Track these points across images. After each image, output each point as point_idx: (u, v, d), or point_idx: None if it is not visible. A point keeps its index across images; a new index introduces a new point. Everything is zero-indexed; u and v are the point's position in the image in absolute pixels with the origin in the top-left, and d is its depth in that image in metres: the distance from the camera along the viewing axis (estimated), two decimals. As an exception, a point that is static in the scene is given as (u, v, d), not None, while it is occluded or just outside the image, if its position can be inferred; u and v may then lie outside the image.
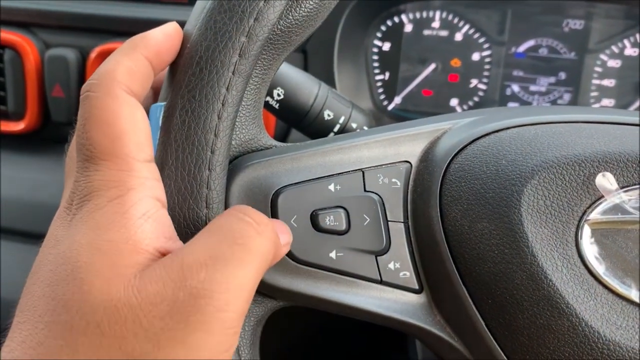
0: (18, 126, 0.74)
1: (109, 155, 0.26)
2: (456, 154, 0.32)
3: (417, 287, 0.32)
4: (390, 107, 0.73)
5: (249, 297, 0.25)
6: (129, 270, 0.24)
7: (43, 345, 0.24)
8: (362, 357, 0.84)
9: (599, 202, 0.29)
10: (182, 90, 0.29)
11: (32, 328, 0.24)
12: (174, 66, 0.30)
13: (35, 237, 0.74)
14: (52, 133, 0.76)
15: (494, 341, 0.30)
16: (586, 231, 0.28)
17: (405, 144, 0.33)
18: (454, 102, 0.72)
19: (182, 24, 0.31)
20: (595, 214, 0.28)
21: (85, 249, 0.25)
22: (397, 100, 0.73)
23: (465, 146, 0.32)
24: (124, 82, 0.28)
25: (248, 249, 0.26)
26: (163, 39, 0.30)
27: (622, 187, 0.28)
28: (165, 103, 0.30)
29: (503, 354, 0.30)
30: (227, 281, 0.24)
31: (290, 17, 0.32)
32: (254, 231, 0.26)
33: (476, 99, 0.71)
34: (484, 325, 0.30)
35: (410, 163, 0.33)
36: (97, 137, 0.26)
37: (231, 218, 0.27)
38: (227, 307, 0.24)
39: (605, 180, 0.28)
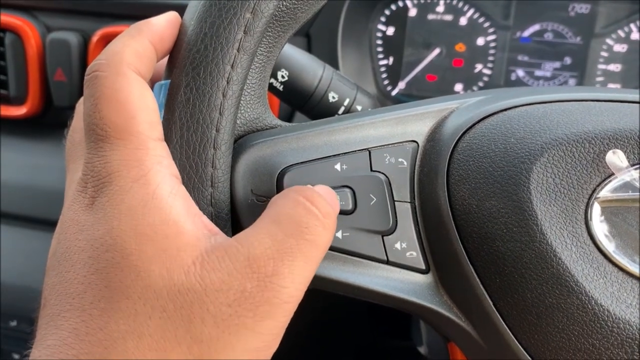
0: (19, 111, 0.73)
1: (124, 133, 0.26)
2: (464, 133, 0.31)
3: (423, 267, 0.32)
4: (394, 92, 0.73)
5: (307, 286, 0.26)
6: (183, 254, 0.25)
7: (104, 330, 0.24)
8: (365, 345, 0.84)
9: (609, 179, 0.28)
10: (186, 68, 0.29)
11: (83, 315, 0.24)
12: (177, 44, 0.30)
13: (35, 222, 0.74)
14: (53, 118, 0.75)
15: (501, 320, 0.30)
16: (596, 209, 0.28)
17: (412, 124, 0.33)
18: (458, 87, 0.71)
19: (183, 8, 0.31)
20: (605, 192, 0.28)
21: (129, 235, 0.25)
22: (401, 85, 0.73)
23: (473, 125, 0.31)
24: (133, 63, 0.28)
25: (316, 245, 0.26)
26: (166, 25, 0.30)
27: (632, 165, 0.28)
28: (168, 81, 0.30)
29: (511, 334, 0.29)
30: (293, 276, 0.25)
31: None
32: (321, 226, 0.27)
33: (481, 84, 0.71)
34: (492, 305, 0.30)
35: (417, 142, 0.32)
36: (111, 116, 0.26)
37: (298, 208, 0.27)
38: (291, 299, 0.25)
39: (616, 158, 0.28)
